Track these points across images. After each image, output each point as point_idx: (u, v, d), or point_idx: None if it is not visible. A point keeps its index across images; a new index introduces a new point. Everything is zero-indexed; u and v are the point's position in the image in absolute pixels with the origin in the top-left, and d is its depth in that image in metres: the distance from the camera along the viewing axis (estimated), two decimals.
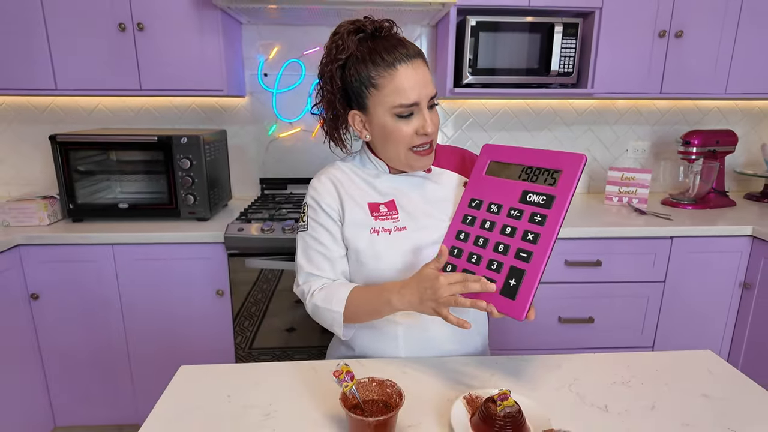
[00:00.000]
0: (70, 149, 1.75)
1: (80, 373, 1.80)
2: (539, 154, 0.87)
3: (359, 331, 1.02)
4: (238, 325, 1.80)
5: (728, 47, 1.93)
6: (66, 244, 1.68)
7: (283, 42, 2.12)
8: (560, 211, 0.81)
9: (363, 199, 0.98)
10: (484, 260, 0.85)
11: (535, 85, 1.94)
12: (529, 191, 0.85)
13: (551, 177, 0.83)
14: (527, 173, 0.87)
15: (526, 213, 0.84)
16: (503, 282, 0.81)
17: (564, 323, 1.85)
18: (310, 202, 1.01)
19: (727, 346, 1.92)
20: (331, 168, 1.04)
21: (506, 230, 0.85)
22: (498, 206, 0.88)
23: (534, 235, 0.81)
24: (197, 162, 1.76)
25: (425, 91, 0.89)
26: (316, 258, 0.99)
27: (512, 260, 0.82)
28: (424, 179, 1.02)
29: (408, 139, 0.91)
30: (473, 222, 0.89)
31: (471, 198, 0.92)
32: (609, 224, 1.81)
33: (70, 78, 1.81)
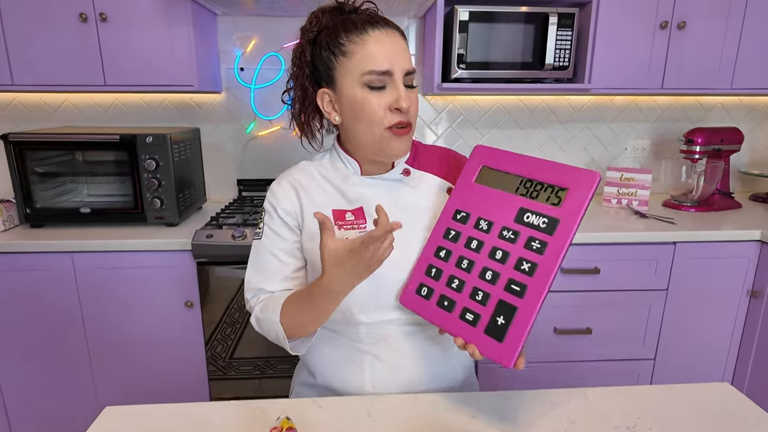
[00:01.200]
0: (26, 149, 1.61)
1: (40, 389, 1.67)
2: (543, 165, 0.72)
3: (321, 358, 0.89)
4: (220, 334, 1.67)
5: (734, 39, 1.81)
6: (22, 252, 1.55)
7: (261, 34, 1.99)
8: (564, 240, 0.66)
9: (327, 205, 0.86)
10: (467, 287, 0.72)
11: (529, 80, 1.82)
12: (527, 210, 0.71)
13: (555, 195, 0.69)
14: (526, 187, 0.72)
15: (522, 236, 0.70)
16: (489, 318, 0.69)
17: (560, 334, 1.73)
18: (267, 207, 0.89)
19: (734, 357, 1.81)
20: (295, 170, 0.92)
21: (497, 254, 0.71)
22: (488, 223, 0.73)
23: (530, 266, 0.68)
24: (164, 163, 1.63)
25: (400, 62, 0.78)
26: (268, 271, 0.88)
27: (502, 292, 0.69)
28: (399, 183, 0.88)
29: (380, 115, 0.78)
30: (457, 238, 0.75)
31: (456, 209, 0.78)
32: (608, 228, 1.69)
33: (28, 73, 1.67)
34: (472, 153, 0.80)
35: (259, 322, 0.86)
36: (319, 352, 0.90)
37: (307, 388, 0.95)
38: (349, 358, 0.87)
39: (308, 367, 0.93)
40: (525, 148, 2.20)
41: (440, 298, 0.74)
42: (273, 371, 1.74)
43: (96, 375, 1.67)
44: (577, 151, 2.22)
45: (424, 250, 0.79)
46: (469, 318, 0.71)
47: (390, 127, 0.79)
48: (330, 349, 0.89)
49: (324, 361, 0.89)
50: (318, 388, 0.92)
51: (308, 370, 0.93)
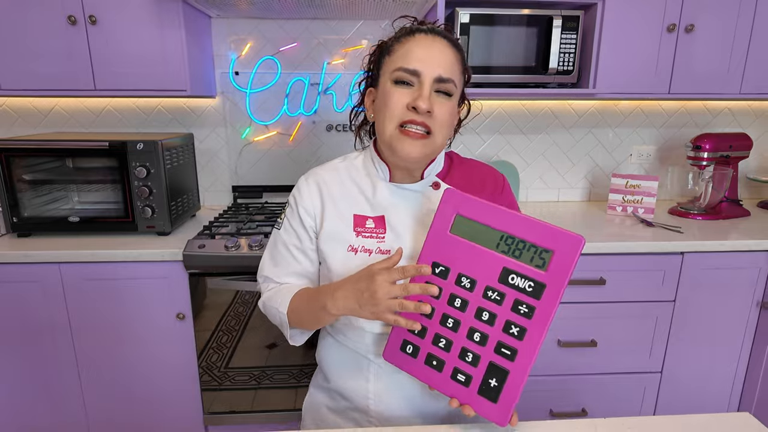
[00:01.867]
0: (12, 156, 1.56)
1: (26, 404, 1.62)
2: (521, 222, 0.68)
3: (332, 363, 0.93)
4: (215, 343, 1.62)
5: (743, 42, 1.76)
6: (7, 262, 1.50)
7: (257, 37, 1.94)
8: (552, 305, 0.66)
9: (349, 209, 0.88)
10: (455, 347, 0.71)
11: (532, 85, 1.77)
12: (512, 271, 0.68)
13: (540, 257, 0.67)
14: (508, 244, 0.69)
15: (508, 298, 0.69)
16: (481, 380, 0.70)
17: (564, 347, 1.67)
18: (291, 202, 0.93)
19: (743, 371, 1.75)
20: (325, 168, 0.93)
21: (483, 315, 0.70)
22: (471, 281, 0.71)
23: (519, 330, 0.68)
24: (155, 170, 1.58)
25: (433, 66, 0.78)
26: (280, 263, 0.93)
27: (492, 355, 0.69)
28: (427, 197, 0.88)
29: (399, 110, 0.78)
30: (438, 295, 0.72)
31: (434, 262, 0.73)
32: (613, 237, 1.64)
33: (15, 76, 1.62)
34: (443, 198, 0.75)
35: (265, 307, 0.91)
36: (332, 357, 0.94)
37: (321, 391, 0.98)
38: (356, 365, 0.89)
39: (323, 370, 0.97)
40: (527, 154, 2.14)
41: (428, 357, 0.73)
42: (270, 381, 1.68)
43: (85, 388, 1.62)
44: (580, 157, 2.17)
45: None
46: (461, 379, 0.71)
47: (402, 125, 0.78)
48: (340, 354, 0.92)
49: (335, 367, 0.93)
50: (330, 392, 0.95)
51: (323, 374, 0.97)
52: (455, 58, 0.81)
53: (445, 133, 0.82)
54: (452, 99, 0.81)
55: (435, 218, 0.74)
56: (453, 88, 0.80)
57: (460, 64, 0.82)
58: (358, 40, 1.97)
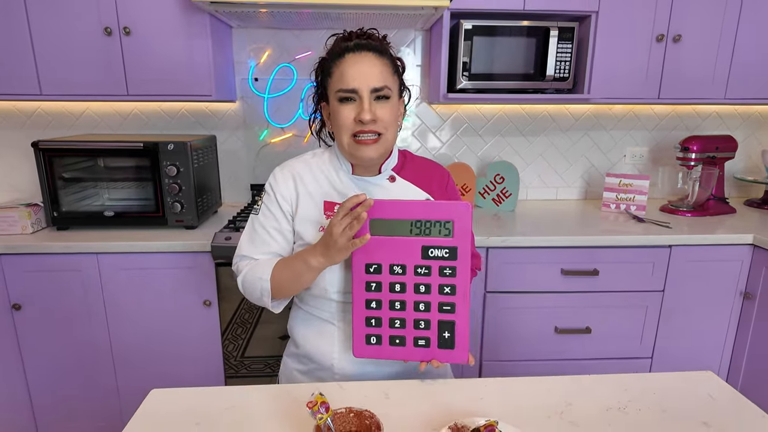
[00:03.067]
0: (53, 156, 1.70)
1: (65, 385, 1.76)
2: (421, 206, 0.84)
3: (301, 331, 1.06)
4: (231, 334, 1.75)
5: (727, 51, 1.89)
6: (49, 253, 1.64)
7: (275, 46, 2.08)
8: (466, 259, 0.84)
9: (320, 196, 1.00)
10: (408, 322, 0.87)
11: (531, 90, 1.90)
12: (429, 247, 0.85)
13: (445, 228, 0.84)
14: (418, 227, 0.84)
15: (434, 268, 0.85)
16: (437, 337, 0.86)
17: (560, 333, 1.80)
18: (267, 189, 1.04)
19: (728, 356, 1.88)
20: (297, 161, 1.06)
21: (420, 288, 0.86)
22: (401, 267, 0.86)
23: (451, 287, 0.85)
24: (184, 169, 1.72)
25: (366, 82, 0.90)
26: (259, 244, 1.01)
27: (438, 314, 0.86)
28: (384, 188, 1.01)
29: (349, 125, 0.92)
30: (380, 287, 0.87)
31: (365, 264, 0.87)
32: (606, 232, 1.77)
33: (55, 83, 1.76)
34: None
35: (245, 280, 0.98)
36: (301, 325, 1.07)
37: (292, 357, 1.10)
38: (322, 331, 1.02)
39: (294, 339, 1.09)
40: (527, 155, 2.28)
41: (391, 339, 0.88)
42: None
43: (118, 369, 1.75)
44: (577, 158, 2.30)
45: (354, 307, 0.89)
46: (422, 343, 0.88)
47: (354, 135, 0.92)
48: (308, 323, 1.05)
49: (303, 333, 1.06)
50: (299, 357, 1.07)
51: (294, 342, 1.09)
52: (383, 65, 0.92)
53: (393, 129, 0.95)
54: (391, 100, 0.93)
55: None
56: (389, 92, 0.92)
57: (390, 68, 0.94)
58: None
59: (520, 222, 1.92)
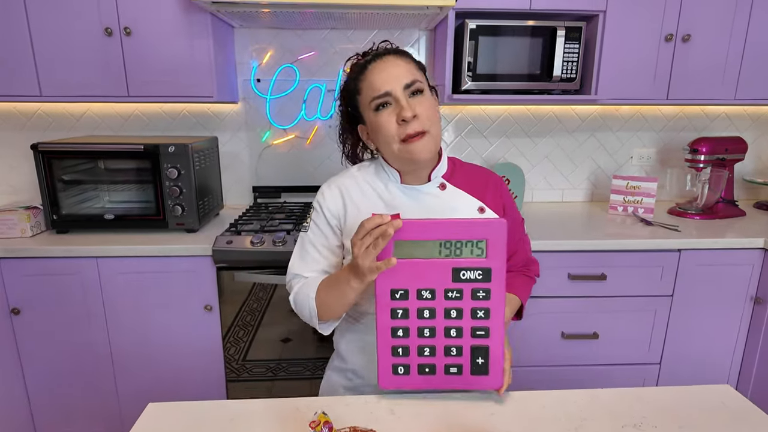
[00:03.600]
0: (53, 158, 1.68)
1: (64, 390, 1.74)
2: (452, 225, 0.77)
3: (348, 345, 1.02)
4: (232, 337, 1.73)
5: (737, 51, 1.86)
6: (48, 257, 1.61)
7: (277, 46, 2.05)
8: (502, 280, 0.78)
9: (368, 208, 0.97)
10: (439, 349, 0.81)
11: (537, 92, 1.87)
12: (460, 269, 0.78)
13: (477, 248, 0.77)
14: (448, 248, 0.78)
15: (465, 291, 0.79)
16: (470, 363, 0.81)
17: (567, 339, 1.77)
18: (316, 206, 1.02)
19: (738, 362, 1.85)
20: (343, 176, 1.03)
21: (451, 313, 0.80)
22: (430, 291, 0.79)
23: (485, 311, 0.79)
24: (185, 171, 1.70)
25: (396, 80, 0.88)
26: (309, 262, 1.00)
27: (471, 340, 0.80)
28: (435, 197, 0.97)
29: (393, 130, 0.89)
30: (407, 314, 0.80)
31: (391, 289, 0.80)
32: (614, 236, 1.74)
33: (55, 84, 1.74)
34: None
35: (296, 299, 0.96)
36: (347, 341, 1.03)
37: (337, 372, 1.07)
38: (368, 346, 0.98)
39: (340, 353, 1.06)
40: (532, 157, 2.25)
41: (420, 368, 0.82)
42: (285, 373, 1.78)
43: (117, 374, 1.73)
44: (583, 160, 2.27)
45: (378, 336, 0.82)
46: (453, 371, 0.82)
47: (404, 140, 0.88)
48: (354, 338, 1.02)
49: (350, 348, 1.02)
50: (345, 372, 1.04)
51: (340, 357, 1.06)
52: (407, 63, 0.91)
53: (437, 124, 0.91)
54: (426, 94, 0.91)
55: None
56: (421, 85, 0.90)
57: (413, 65, 0.92)
58: None
59: (526, 225, 1.88)
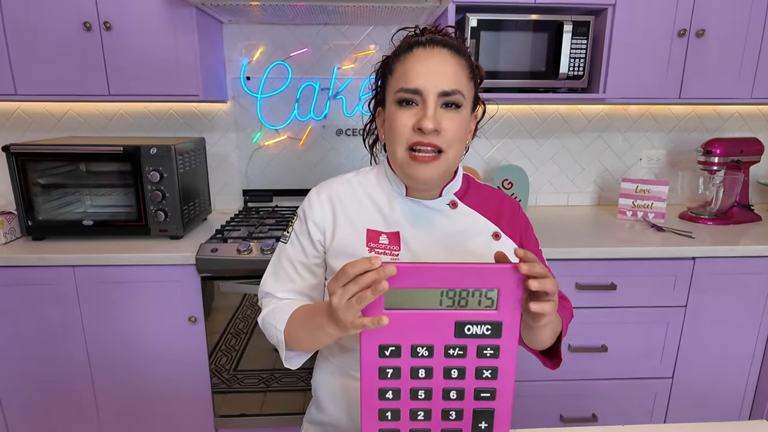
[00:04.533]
0: (28, 161, 1.58)
1: (41, 406, 1.64)
2: (457, 271, 0.62)
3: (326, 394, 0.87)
4: (224, 345, 1.63)
5: (754, 48, 1.75)
6: (23, 266, 1.52)
7: (268, 43, 1.95)
8: (514, 336, 0.65)
9: (362, 223, 0.83)
10: (435, 413, 0.68)
11: (542, 90, 1.77)
12: (465, 322, 0.64)
13: (487, 298, 0.63)
14: (450, 298, 0.63)
15: (470, 348, 0.65)
16: (471, 428, 0.69)
17: (575, 352, 1.67)
18: (300, 215, 0.89)
19: (755, 376, 1.74)
20: (337, 181, 0.89)
21: (452, 373, 0.66)
22: (427, 347, 0.65)
23: (492, 371, 0.66)
24: (168, 174, 1.59)
25: (435, 81, 0.73)
26: (283, 280, 0.87)
27: (473, 403, 0.68)
28: (443, 215, 0.84)
29: (406, 133, 0.75)
30: (398, 374, 0.66)
31: (379, 345, 0.66)
32: (624, 242, 1.64)
33: (32, 82, 1.64)
34: None
35: (264, 323, 0.85)
36: (327, 385, 0.89)
37: (314, 426, 0.93)
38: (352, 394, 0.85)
39: (317, 399, 0.91)
40: (537, 159, 2.15)
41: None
42: (278, 384, 1.69)
43: (97, 390, 1.63)
44: (590, 161, 2.17)
45: (363, 397, 0.68)
46: None
47: (411, 148, 0.75)
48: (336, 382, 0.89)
49: (330, 395, 0.88)
50: (324, 426, 0.90)
51: (317, 404, 0.91)
52: (459, 65, 0.76)
53: (458, 148, 0.78)
54: (462, 110, 0.77)
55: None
56: (461, 99, 0.76)
57: (466, 70, 0.78)
58: (368, 46, 1.98)
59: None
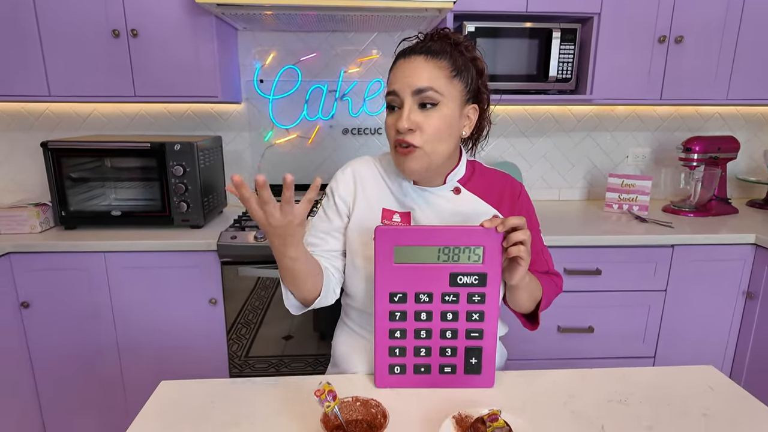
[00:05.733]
0: (62, 156, 1.73)
1: (72, 383, 1.78)
2: (451, 232, 0.80)
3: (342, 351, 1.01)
4: (235, 333, 1.77)
5: (729, 53, 1.91)
6: (57, 252, 1.66)
7: (280, 48, 2.10)
8: (497, 285, 0.82)
9: (379, 202, 0.96)
10: (434, 350, 0.85)
11: (534, 92, 1.92)
12: (457, 274, 0.81)
13: (474, 254, 0.80)
14: (446, 254, 0.81)
15: (462, 295, 0.82)
16: (464, 363, 0.85)
17: (563, 332, 1.81)
18: (327, 191, 1.01)
19: (730, 356, 1.88)
20: (361, 161, 1.01)
21: (447, 316, 0.83)
22: (428, 294, 0.82)
23: (479, 314, 0.83)
24: (191, 169, 1.74)
25: (407, 82, 0.84)
26: (310, 245, 0.99)
27: (465, 341, 0.84)
28: (448, 201, 0.95)
29: (392, 133, 0.88)
30: (404, 317, 0.83)
31: (390, 292, 0.82)
32: (609, 232, 1.78)
33: (64, 84, 1.79)
34: (377, 238, 0.81)
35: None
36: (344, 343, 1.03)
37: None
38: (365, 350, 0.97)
39: (333, 356, 1.05)
40: (530, 156, 2.29)
41: (415, 368, 0.85)
42: (287, 369, 1.82)
43: (124, 367, 1.77)
44: (579, 159, 2.31)
45: (376, 337, 0.84)
46: (447, 370, 0.85)
47: (397, 145, 0.87)
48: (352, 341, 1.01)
49: (345, 352, 1.02)
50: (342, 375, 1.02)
51: (333, 362, 1.06)
52: (436, 67, 0.84)
53: (436, 144, 0.85)
54: (441, 107, 0.84)
55: (376, 256, 0.81)
56: (436, 96, 0.83)
57: (446, 70, 0.85)
58: (372, 51, 2.13)
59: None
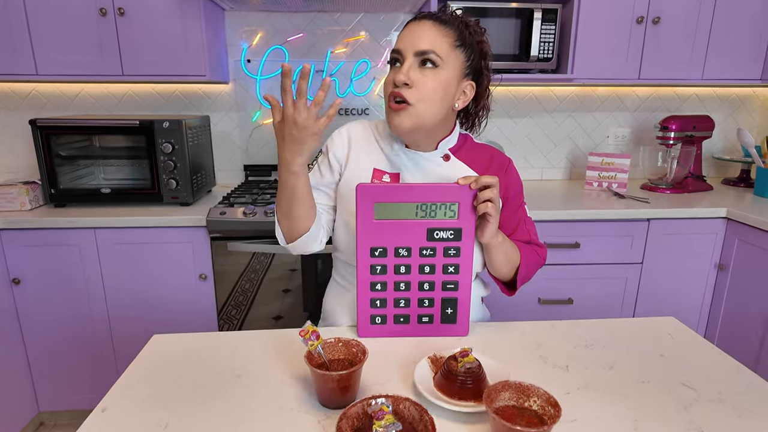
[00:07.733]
0: (51, 134, 1.75)
1: (64, 358, 1.81)
2: (428, 189, 0.84)
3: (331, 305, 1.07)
4: (225, 314, 1.81)
5: (704, 34, 1.96)
6: (47, 228, 1.68)
7: (267, 28, 2.13)
8: (471, 239, 0.87)
9: (370, 163, 1.00)
10: (413, 301, 0.90)
11: (516, 71, 1.96)
12: (434, 229, 0.86)
13: (450, 210, 0.85)
14: (423, 210, 0.85)
15: (438, 249, 0.87)
16: (440, 313, 0.90)
17: (544, 304, 1.88)
18: (323, 148, 1.05)
19: (703, 324, 1.97)
20: (356, 124, 1.05)
21: (425, 269, 0.88)
22: (407, 249, 0.87)
23: (455, 267, 0.88)
24: (179, 146, 1.77)
25: (412, 43, 0.88)
26: None
27: (441, 293, 0.89)
28: (438, 166, 0.99)
29: (389, 87, 0.90)
30: (385, 270, 0.88)
31: (371, 247, 0.87)
32: (588, 207, 1.84)
33: (51, 63, 1.80)
34: (358, 194, 0.84)
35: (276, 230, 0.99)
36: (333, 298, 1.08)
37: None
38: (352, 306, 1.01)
39: (323, 312, 1.11)
40: (514, 136, 2.35)
41: (395, 318, 0.91)
42: None
43: (116, 342, 1.81)
44: (562, 139, 2.37)
45: (358, 290, 0.89)
46: (425, 320, 0.91)
47: (390, 100, 0.90)
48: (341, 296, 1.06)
49: (333, 306, 1.07)
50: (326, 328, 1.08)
51: (324, 318, 1.11)
52: (442, 34, 0.88)
53: (428, 104, 0.88)
54: (440, 71, 0.88)
55: (357, 212, 0.85)
56: (437, 59, 0.87)
57: (451, 39, 0.88)
58: (359, 32, 2.16)
59: None
